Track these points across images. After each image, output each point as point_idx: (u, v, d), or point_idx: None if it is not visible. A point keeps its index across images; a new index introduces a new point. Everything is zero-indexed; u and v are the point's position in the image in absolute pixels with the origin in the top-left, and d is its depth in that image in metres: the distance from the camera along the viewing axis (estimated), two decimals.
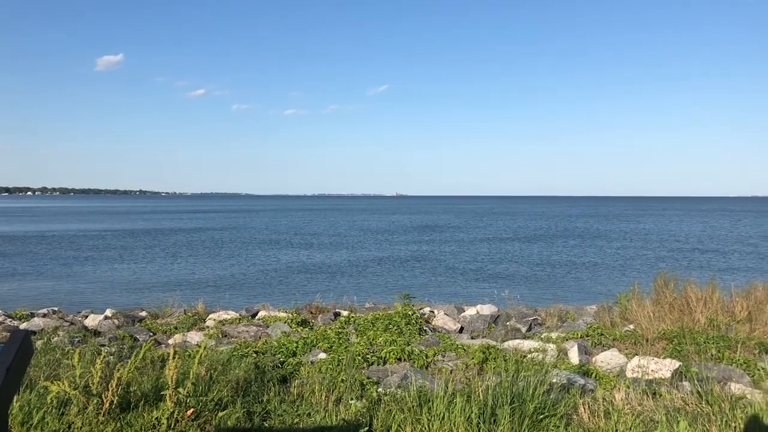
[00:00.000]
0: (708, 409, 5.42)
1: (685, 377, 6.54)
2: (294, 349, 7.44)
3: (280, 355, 7.14)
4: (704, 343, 7.57)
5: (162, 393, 4.84)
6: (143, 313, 10.93)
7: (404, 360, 7.16)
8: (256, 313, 10.63)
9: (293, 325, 9.17)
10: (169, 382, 4.75)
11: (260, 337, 8.67)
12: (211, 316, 10.34)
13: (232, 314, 10.39)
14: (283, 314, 10.05)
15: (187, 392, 4.82)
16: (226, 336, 8.97)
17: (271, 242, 44.60)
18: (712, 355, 7.38)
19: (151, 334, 9.05)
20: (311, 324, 9.61)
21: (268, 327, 9.25)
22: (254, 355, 6.99)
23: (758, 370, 6.90)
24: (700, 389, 5.88)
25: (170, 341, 8.65)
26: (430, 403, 5.01)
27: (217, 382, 5.44)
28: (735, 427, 5.00)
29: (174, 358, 4.90)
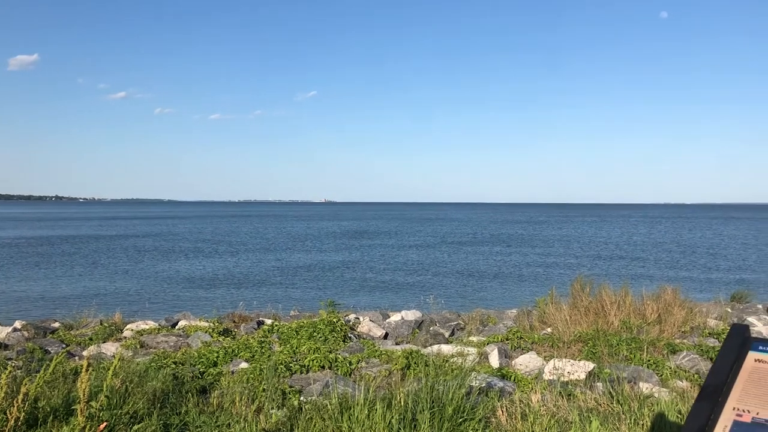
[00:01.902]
0: (618, 408, 5.65)
1: (599, 378, 6.80)
2: (215, 359, 7.30)
3: (200, 366, 6.99)
4: (617, 344, 7.89)
5: (73, 407, 4.65)
6: (56, 325, 10.47)
7: (328, 368, 7.14)
8: (177, 323, 10.37)
9: (215, 335, 8.99)
10: (81, 396, 4.56)
11: (180, 348, 8.45)
12: (128, 326, 10.01)
13: (151, 324, 10.09)
14: (204, 324, 9.83)
15: (100, 405, 4.64)
16: (144, 347, 8.71)
17: (195, 250, 43.57)
18: (624, 356, 7.71)
19: (64, 345, 8.68)
20: (234, 333, 9.45)
21: (188, 337, 9.03)
22: (173, 365, 6.80)
23: (666, 369, 7.25)
24: (611, 389, 6.12)
25: (84, 353, 8.31)
26: (351, 410, 5.01)
27: (133, 394, 5.27)
28: (643, 424, 5.22)
29: (87, 370, 4.71)
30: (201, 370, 6.86)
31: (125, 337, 9.32)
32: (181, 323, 10.25)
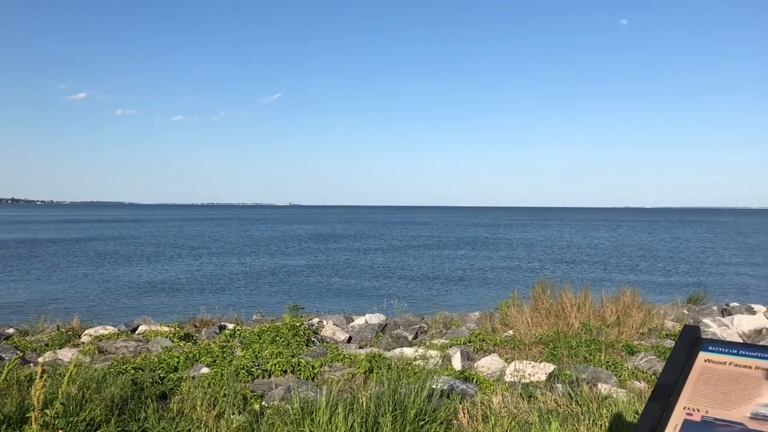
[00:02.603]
0: (578, 409, 5.74)
1: (559, 379, 6.90)
2: (175, 364, 7.21)
3: (160, 371, 6.89)
4: (577, 346, 8.02)
5: (27, 415, 4.54)
6: (11, 330, 10.19)
7: (290, 372, 7.11)
8: (137, 328, 10.20)
9: (175, 340, 8.87)
10: (35, 403, 4.46)
11: (140, 353, 8.32)
12: (87, 331, 9.80)
13: (110, 329, 9.90)
14: (165, 328, 9.69)
15: (56, 413, 4.54)
16: (102, 352, 8.54)
17: (156, 253, 42.89)
18: (584, 357, 7.84)
19: (19, 352, 8.46)
20: (195, 338, 9.34)
21: (148, 342, 8.89)
22: (132, 371, 6.69)
23: (624, 370, 7.40)
24: (571, 391, 6.22)
25: (40, 359, 8.11)
26: (313, 414, 5.00)
27: (90, 401, 5.17)
28: (601, 425, 5.32)
29: (42, 376, 4.60)
30: (161, 375, 6.77)
31: (83, 343, 9.13)
32: (142, 328, 10.09)
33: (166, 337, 9.06)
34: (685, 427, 1.75)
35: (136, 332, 9.92)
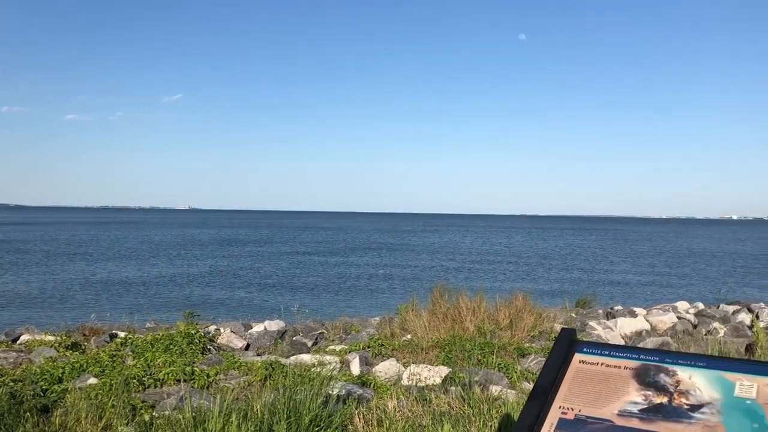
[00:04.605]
0: (469, 411, 5.92)
1: (453, 382, 7.09)
2: (60, 375, 6.84)
3: (42, 383, 6.52)
4: (471, 349, 8.26)
5: None
6: None
7: (184, 381, 6.92)
8: (18, 338, 9.60)
9: (61, 350, 8.42)
10: None
11: (21, 364, 7.83)
12: None
13: None
14: (50, 338, 9.18)
15: None
16: None
17: (46, 258, 40.48)
18: (478, 360, 8.09)
19: None
20: (83, 347, 8.90)
21: (31, 352, 8.39)
22: (11, 383, 6.30)
23: (515, 372, 7.70)
24: (464, 393, 6.41)
25: None
26: (206, 423, 4.90)
27: None
28: (492, 425, 5.51)
29: None
30: (44, 387, 6.41)
31: None
32: (24, 338, 9.51)
33: (51, 346, 8.57)
34: (560, 426, 1.83)
35: (18, 342, 9.34)
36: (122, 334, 9.66)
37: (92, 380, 6.75)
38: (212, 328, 10.11)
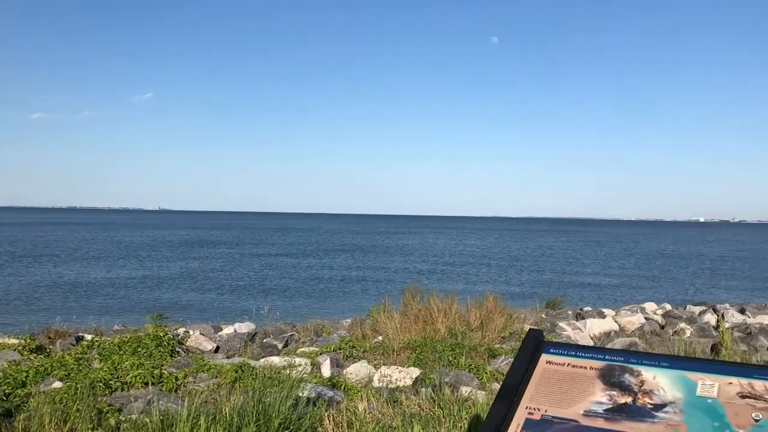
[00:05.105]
0: (440, 412, 5.94)
1: (424, 383, 7.11)
2: (23, 378, 6.70)
3: (5, 387, 6.38)
4: (442, 350, 8.29)
5: None
6: None
7: (152, 384, 6.82)
8: None
9: (25, 353, 8.24)
10: None
11: None
12: None
13: None
14: (14, 341, 8.97)
15: None
16: None
17: (11, 259, 39.64)
18: (449, 361, 8.11)
19: None
20: (48, 350, 8.73)
21: None
22: None
23: (485, 373, 7.74)
24: (434, 394, 6.43)
25: None
26: (174, 426, 4.84)
27: None
28: (461, 426, 5.53)
29: None
30: (6, 391, 6.27)
31: None
32: None
33: (15, 350, 8.38)
34: (526, 426, 1.83)
35: None
36: (89, 337, 9.49)
37: (57, 384, 6.62)
38: (181, 330, 9.99)
